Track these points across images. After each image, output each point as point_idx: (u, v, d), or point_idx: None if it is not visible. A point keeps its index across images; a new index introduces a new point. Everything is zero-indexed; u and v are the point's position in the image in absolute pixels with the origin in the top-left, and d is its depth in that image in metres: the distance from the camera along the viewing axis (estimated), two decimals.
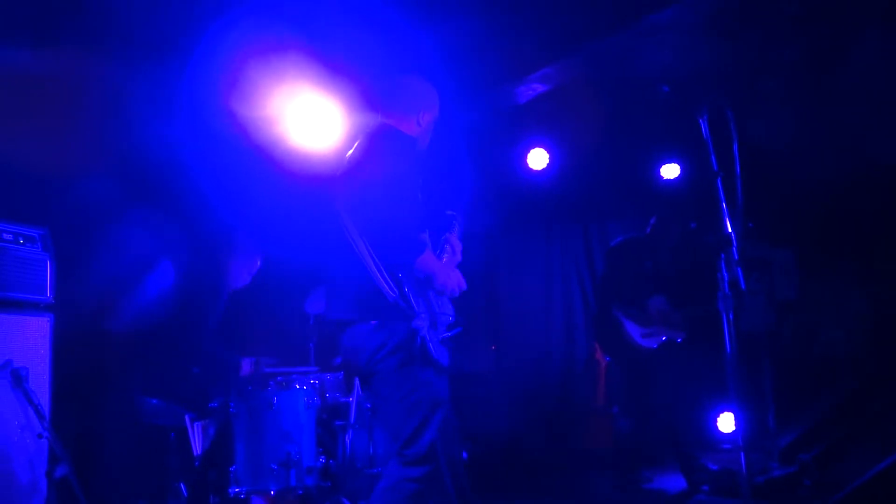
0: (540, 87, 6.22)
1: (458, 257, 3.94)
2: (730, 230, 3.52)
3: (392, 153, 3.56)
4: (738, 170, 3.50)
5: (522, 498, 5.86)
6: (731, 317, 3.43)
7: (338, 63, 5.49)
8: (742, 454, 3.36)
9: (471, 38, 5.44)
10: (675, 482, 5.67)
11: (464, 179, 6.44)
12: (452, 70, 5.72)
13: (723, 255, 3.47)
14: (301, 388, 4.63)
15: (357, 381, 4.93)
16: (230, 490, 4.32)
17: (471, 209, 6.64)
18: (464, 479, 4.41)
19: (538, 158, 6.71)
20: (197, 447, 4.64)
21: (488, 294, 7.55)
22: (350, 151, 3.72)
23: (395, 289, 3.42)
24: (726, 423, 6.36)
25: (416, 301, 3.45)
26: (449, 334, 3.62)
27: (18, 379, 4.35)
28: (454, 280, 3.66)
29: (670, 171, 6.90)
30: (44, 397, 4.46)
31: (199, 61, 5.15)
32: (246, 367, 5.00)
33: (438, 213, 3.92)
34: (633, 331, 5.69)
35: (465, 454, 4.92)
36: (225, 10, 4.92)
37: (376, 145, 3.62)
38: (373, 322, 3.47)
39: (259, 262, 5.32)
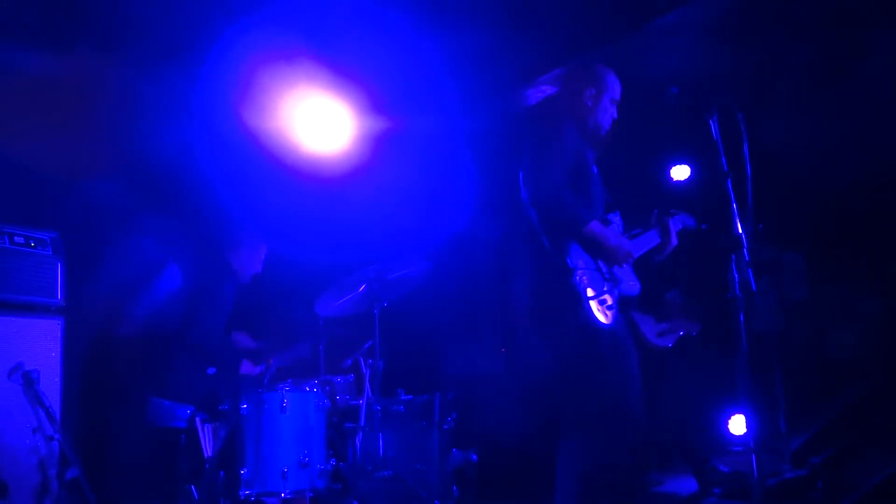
0: (550, 90, 6.20)
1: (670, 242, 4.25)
2: (740, 231, 3.52)
3: (553, 138, 3.94)
4: (749, 171, 3.50)
5: (533, 501, 5.85)
6: (741, 318, 3.42)
7: (347, 69, 5.51)
8: (753, 456, 3.35)
9: (480, 42, 5.44)
10: (685, 485, 5.64)
11: (475, 183, 6.44)
12: (462, 74, 5.73)
13: (733, 257, 3.46)
14: (311, 390, 4.64)
15: (367, 384, 4.93)
16: (240, 492, 4.33)
17: (483, 212, 6.66)
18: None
19: None
20: (207, 449, 4.64)
21: (500, 296, 7.54)
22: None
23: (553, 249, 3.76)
24: (737, 425, 6.33)
25: (574, 260, 3.73)
26: (594, 297, 3.74)
27: (30, 381, 4.38)
28: (621, 250, 3.87)
29: (680, 172, 6.88)
30: (55, 399, 4.49)
31: (212, 67, 5.17)
32: (246, 366, 5.02)
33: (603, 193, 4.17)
34: (648, 331, 5.66)
35: (474, 457, 4.92)
36: (236, 17, 4.94)
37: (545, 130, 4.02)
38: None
39: (266, 250, 5.34)
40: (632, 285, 4.04)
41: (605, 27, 5.33)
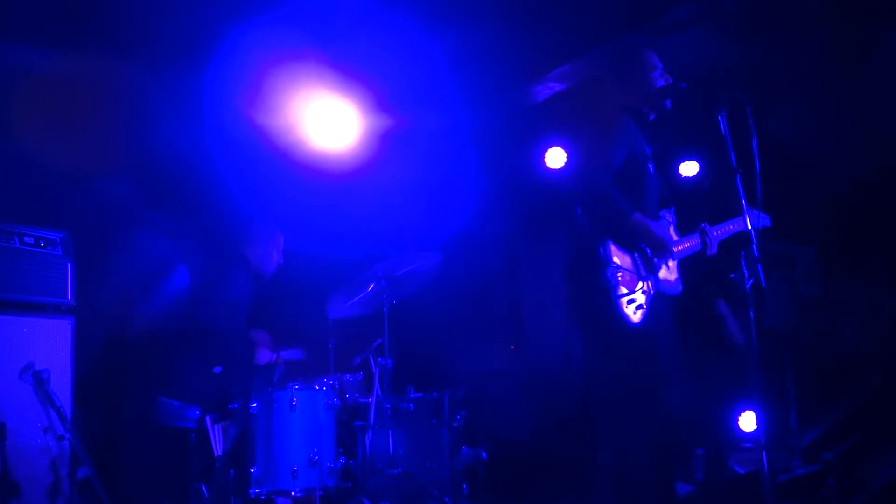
0: (557, 86, 6.20)
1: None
2: (749, 226, 3.50)
3: (604, 132, 3.88)
4: (758, 166, 3.48)
5: (542, 498, 5.84)
6: (752, 314, 3.40)
7: (354, 67, 5.51)
8: (764, 453, 3.33)
9: (488, 39, 5.43)
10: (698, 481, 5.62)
11: (483, 180, 6.44)
12: (471, 71, 5.72)
13: (743, 252, 3.44)
14: (321, 389, 4.65)
15: (377, 382, 4.93)
16: (251, 491, 4.33)
17: (492, 209, 6.65)
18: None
19: (556, 157, 6.67)
20: (218, 448, 4.65)
21: (509, 293, 7.53)
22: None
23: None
24: (748, 421, 6.29)
25: (610, 256, 3.69)
26: (625, 294, 3.70)
27: (40, 381, 4.39)
28: (666, 242, 3.83)
29: (689, 168, 6.84)
30: (65, 399, 4.49)
31: (220, 66, 5.18)
32: (264, 356, 5.03)
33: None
34: (734, 325, 5.61)
35: (484, 454, 4.91)
36: (245, 17, 4.95)
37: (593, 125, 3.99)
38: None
39: (282, 240, 5.37)
40: (674, 285, 3.99)
41: (613, 23, 5.31)
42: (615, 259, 3.73)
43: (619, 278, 3.69)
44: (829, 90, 5.64)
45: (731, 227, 4.17)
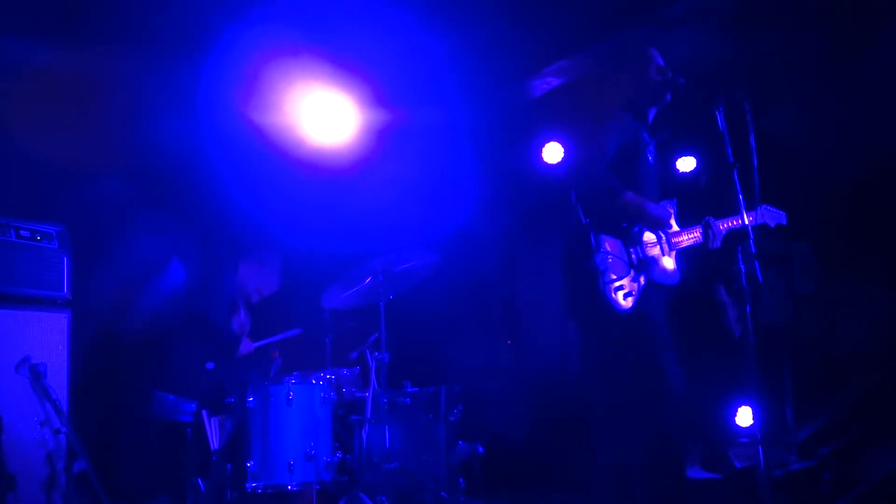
0: (555, 81, 6.19)
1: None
2: (746, 222, 3.50)
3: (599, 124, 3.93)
4: (755, 161, 3.48)
5: (539, 492, 5.84)
6: (748, 310, 3.40)
7: (352, 63, 5.51)
8: (760, 448, 3.33)
9: (486, 34, 5.43)
10: (693, 476, 5.63)
11: (480, 175, 6.43)
12: (468, 66, 5.72)
13: (740, 248, 3.45)
14: (317, 383, 4.65)
15: (373, 376, 4.93)
16: (247, 485, 4.33)
17: (489, 205, 6.65)
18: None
19: (553, 152, 6.67)
20: (214, 442, 4.65)
21: (506, 288, 7.54)
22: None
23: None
24: (744, 416, 6.30)
25: (601, 243, 3.69)
26: (614, 280, 3.70)
27: (37, 375, 4.38)
28: (661, 216, 3.84)
29: (686, 163, 6.84)
30: (62, 393, 4.48)
31: (217, 62, 5.17)
32: (246, 346, 5.03)
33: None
34: (732, 315, 5.60)
35: (481, 449, 4.92)
36: (241, 13, 4.94)
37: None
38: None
39: (275, 286, 5.35)
40: (670, 275, 3.95)
41: (611, 18, 5.30)
42: (606, 246, 3.72)
43: (609, 264, 3.67)
44: (828, 86, 5.64)
45: (737, 221, 4.06)
